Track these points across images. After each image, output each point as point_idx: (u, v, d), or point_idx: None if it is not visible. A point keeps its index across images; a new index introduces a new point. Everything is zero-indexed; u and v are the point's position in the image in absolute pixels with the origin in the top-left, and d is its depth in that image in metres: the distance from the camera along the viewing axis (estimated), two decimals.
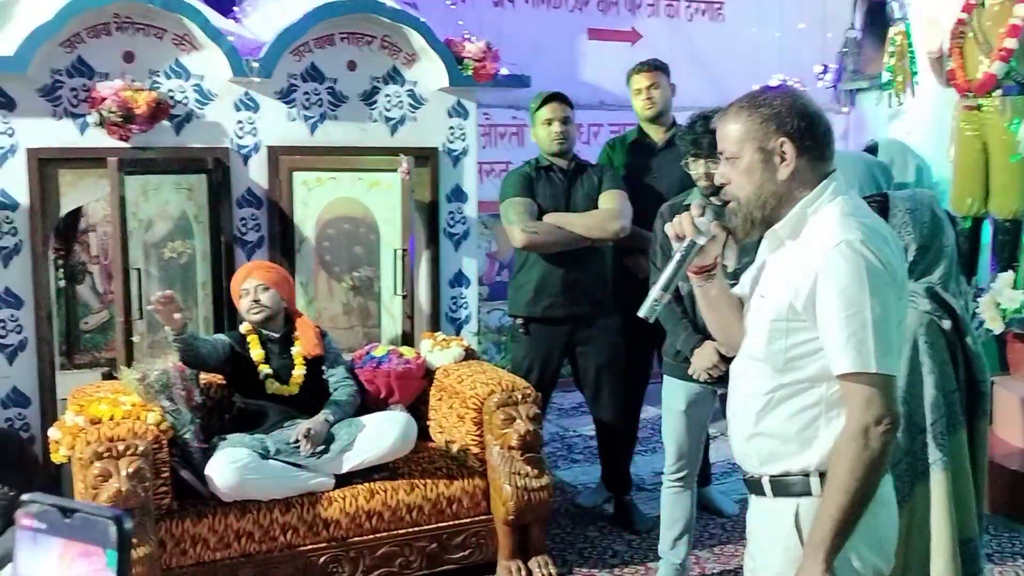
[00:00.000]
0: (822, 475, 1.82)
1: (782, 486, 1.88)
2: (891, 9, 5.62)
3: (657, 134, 4.37)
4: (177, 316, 3.25)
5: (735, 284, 2.09)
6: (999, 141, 5.03)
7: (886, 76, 5.63)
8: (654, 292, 1.91)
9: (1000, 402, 4.67)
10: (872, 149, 3.16)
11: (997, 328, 4.73)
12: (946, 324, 2.51)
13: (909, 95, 5.41)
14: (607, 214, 4.00)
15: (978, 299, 4.77)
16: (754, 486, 1.95)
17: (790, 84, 1.97)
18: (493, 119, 6.15)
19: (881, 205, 2.55)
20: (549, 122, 4.06)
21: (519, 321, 4.16)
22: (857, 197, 1.93)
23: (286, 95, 4.26)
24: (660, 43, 6.42)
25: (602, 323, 4.09)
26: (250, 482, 3.22)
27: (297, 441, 3.35)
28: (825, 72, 6.60)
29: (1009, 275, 4.82)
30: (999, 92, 5.01)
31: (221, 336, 3.66)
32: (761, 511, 1.95)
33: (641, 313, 1.93)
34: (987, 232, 5.32)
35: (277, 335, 3.65)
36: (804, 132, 1.83)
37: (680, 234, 1.93)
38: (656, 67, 4.37)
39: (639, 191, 4.16)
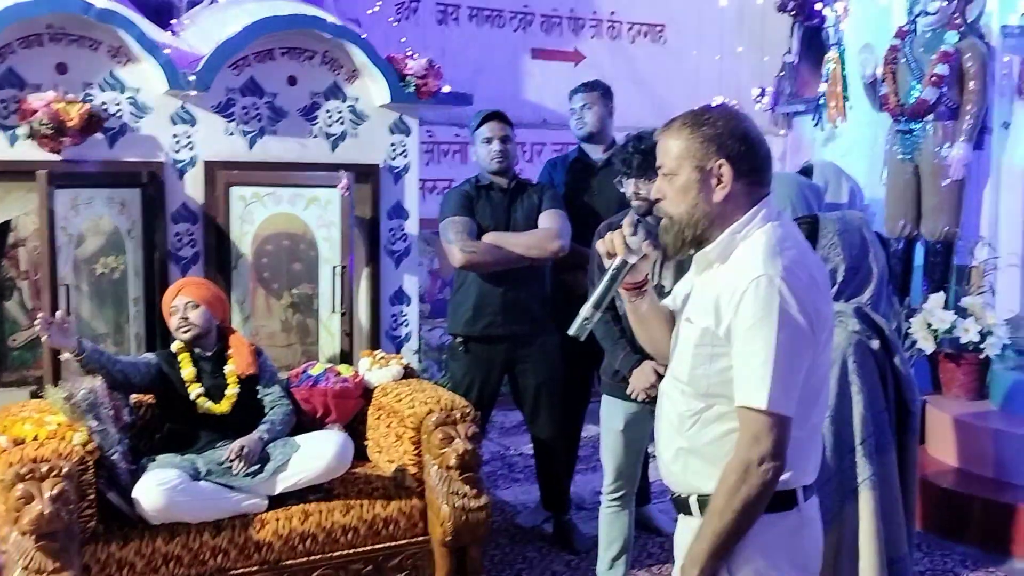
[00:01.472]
0: None
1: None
2: (827, 34, 5.72)
3: (596, 153, 4.40)
4: (66, 339, 3.18)
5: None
6: (931, 165, 5.14)
7: (822, 100, 5.73)
8: (584, 310, 1.91)
9: (932, 421, 4.76)
10: (807, 171, 3.21)
11: (929, 348, 4.83)
12: (875, 344, 2.54)
13: (844, 119, 5.51)
14: (547, 233, 4.01)
15: (910, 320, 4.87)
16: (681, 505, 1.96)
17: (727, 106, 1.97)
18: (436, 136, 6.14)
19: (811, 226, 2.58)
20: (489, 140, 4.07)
21: (458, 339, 4.15)
22: (789, 223, 1.93)
23: (224, 109, 4.20)
24: (603, 64, 6.49)
25: (541, 342, 4.10)
26: (179, 504, 3.14)
27: (229, 461, 3.28)
28: (763, 95, 6.71)
29: (940, 296, 4.92)
30: (931, 117, 5.13)
31: (147, 355, 3.58)
32: (688, 530, 1.95)
33: (571, 331, 1.93)
34: (920, 254, 5.43)
35: (209, 353, 3.58)
36: (743, 156, 1.83)
37: (611, 252, 1.93)
38: (593, 88, 4.41)
39: (579, 210, 4.18)
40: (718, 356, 1.81)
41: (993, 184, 5.34)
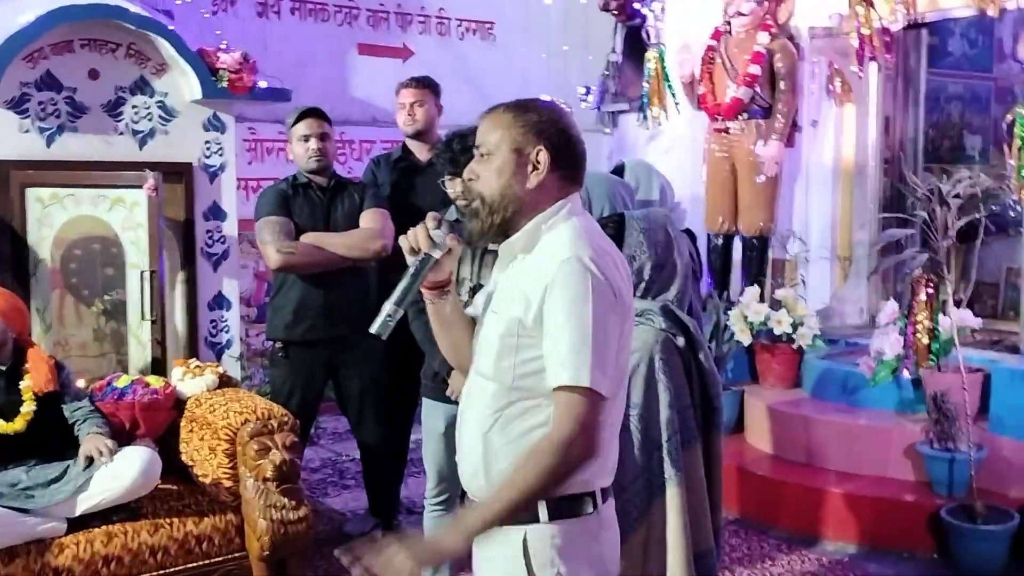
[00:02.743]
0: (549, 502, 1.79)
1: None
2: (647, 35, 5.85)
3: (421, 152, 4.34)
4: None
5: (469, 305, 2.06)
6: (746, 162, 5.32)
7: (645, 99, 5.85)
8: (387, 307, 1.86)
9: (749, 410, 4.93)
10: (619, 170, 3.24)
11: (746, 340, 5.00)
12: (680, 341, 2.58)
13: (666, 117, 5.65)
14: (368, 233, 3.92)
15: (728, 312, 5.03)
16: None
17: (553, 101, 1.99)
18: (259, 134, 5.94)
19: (617, 225, 2.60)
20: (305, 138, 3.94)
21: (278, 345, 4.01)
22: (591, 219, 1.94)
23: (18, 105, 3.94)
24: (432, 60, 6.42)
25: (365, 345, 4.00)
26: None
27: (19, 484, 3.06)
28: (588, 93, 6.81)
29: (755, 289, 5.11)
30: (745, 116, 5.32)
31: None
32: (487, 539, 1.90)
33: (373, 329, 1.87)
34: (738, 248, 5.62)
35: (3, 368, 3.33)
36: (561, 148, 1.84)
37: (415, 247, 1.89)
38: (424, 84, 4.34)
39: (404, 209, 4.10)
40: (525, 347, 1.79)
41: (804, 181, 5.58)
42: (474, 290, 2.89)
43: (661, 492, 2.50)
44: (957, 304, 4.25)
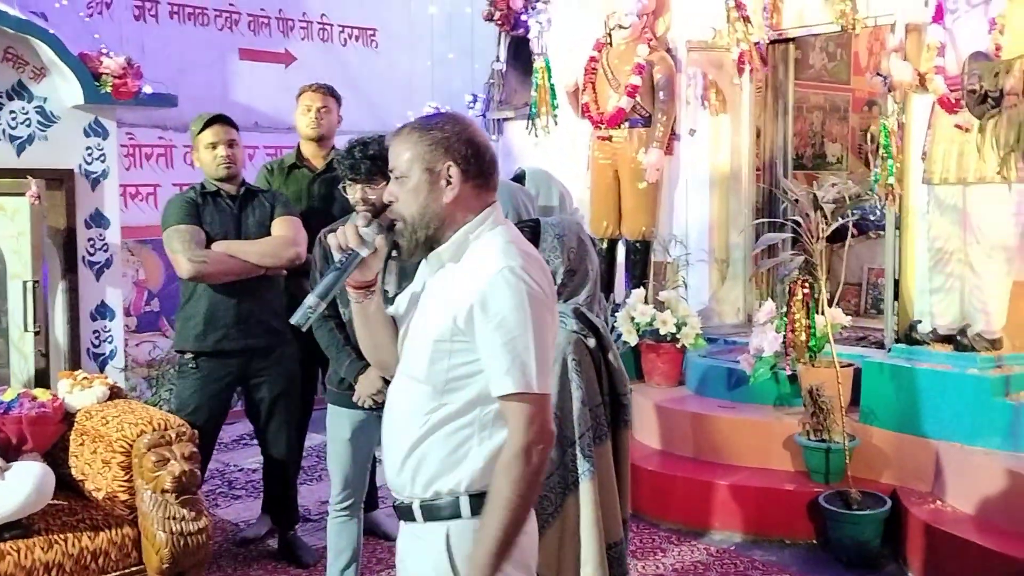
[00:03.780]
0: (471, 496, 1.86)
1: (433, 510, 1.90)
2: (532, 45, 5.97)
3: (316, 158, 4.32)
4: None
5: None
6: (628, 169, 5.50)
7: (533, 107, 5.96)
8: (309, 299, 1.87)
9: (637, 409, 5.07)
10: (519, 177, 3.33)
11: (632, 340, 5.17)
12: (591, 342, 2.68)
13: (551, 125, 5.78)
14: (281, 241, 3.88)
15: (615, 314, 5.18)
16: (404, 512, 1.96)
17: (455, 112, 2.04)
18: (138, 139, 5.79)
19: (532, 231, 2.68)
20: (213, 146, 3.86)
21: (187, 356, 3.91)
22: (513, 227, 2.01)
23: None
24: (315, 66, 6.39)
25: (278, 354, 3.96)
26: None
27: None
28: (475, 101, 6.89)
29: (641, 291, 5.29)
30: (627, 124, 5.49)
31: None
32: (411, 537, 1.96)
33: (294, 320, 1.88)
34: (622, 252, 5.80)
35: None
36: (471, 159, 1.90)
37: (344, 245, 1.92)
38: (330, 92, 4.37)
39: (302, 215, 4.08)
40: (457, 351, 1.85)
41: (683, 187, 5.80)
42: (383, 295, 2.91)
43: (575, 487, 2.59)
44: (829, 303, 4.51)
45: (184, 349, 3.92)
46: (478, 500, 1.86)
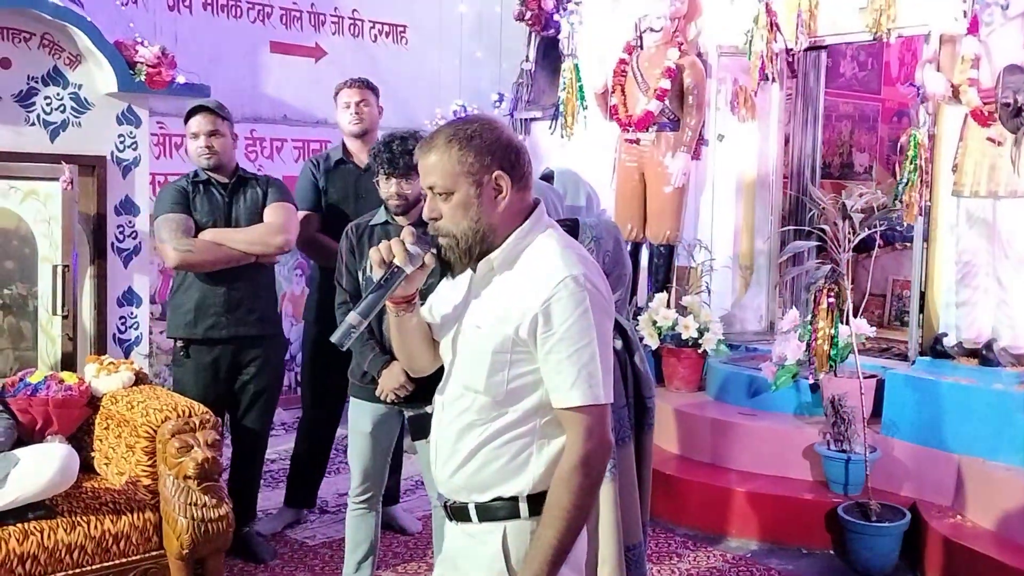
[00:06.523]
0: (530, 498, 1.85)
1: (490, 510, 1.88)
2: (562, 46, 5.97)
3: (362, 153, 4.24)
4: None
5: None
6: (655, 173, 5.49)
7: (561, 108, 5.97)
8: (351, 318, 1.83)
9: (657, 412, 5.07)
10: (548, 177, 3.32)
11: (654, 344, 5.16)
12: (618, 344, 2.69)
13: (585, 127, 5.78)
14: (269, 228, 3.89)
15: (637, 317, 5.18)
16: (459, 513, 1.94)
17: (483, 115, 1.99)
18: (168, 128, 5.83)
19: (570, 230, 2.68)
20: (196, 136, 3.88)
21: (179, 343, 3.94)
22: (560, 228, 1.96)
23: None
24: (345, 61, 6.42)
25: (267, 345, 3.98)
26: None
27: None
28: (501, 100, 6.90)
29: (663, 295, 5.28)
30: (655, 128, 5.48)
31: None
32: (464, 536, 1.93)
33: (334, 339, 1.86)
34: (645, 256, 5.79)
35: None
36: (514, 164, 1.85)
37: (389, 259, 1.86)
38: (367, 85, 4.34)
39: (344, 212, 4.06)
40: (517, 362, 1.83)
41: (709, 192, 5.79)
42: None
43: None
44: (854, 313, 4.49)
45: (176, 336, 3.94)
46: (536, 501, 1.85)
